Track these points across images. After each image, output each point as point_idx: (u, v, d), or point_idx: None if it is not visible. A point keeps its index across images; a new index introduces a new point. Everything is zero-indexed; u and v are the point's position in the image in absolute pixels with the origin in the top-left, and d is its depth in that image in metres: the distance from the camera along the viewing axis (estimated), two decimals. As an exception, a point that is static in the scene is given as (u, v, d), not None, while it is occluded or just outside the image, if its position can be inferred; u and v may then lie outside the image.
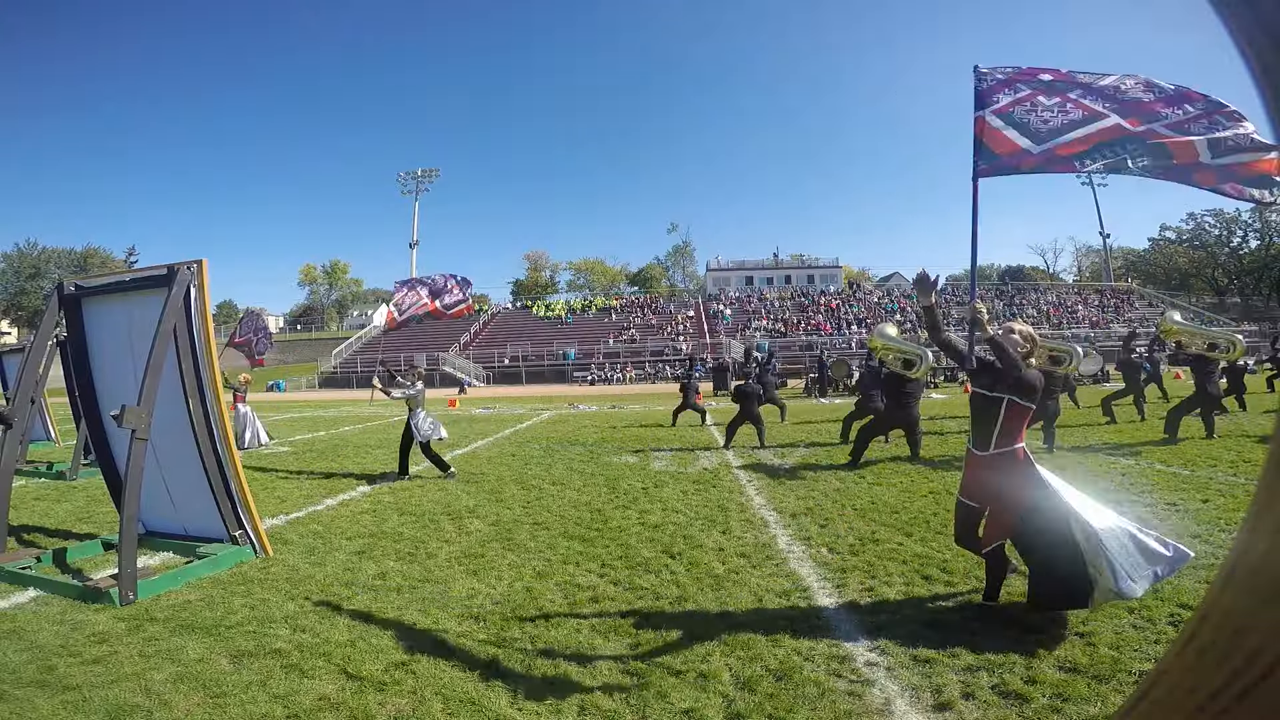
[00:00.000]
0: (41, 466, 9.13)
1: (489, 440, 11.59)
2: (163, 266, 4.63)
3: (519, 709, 2.57)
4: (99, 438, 5.11)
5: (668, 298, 57.54)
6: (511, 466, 8.52)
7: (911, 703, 2.53)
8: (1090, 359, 19.23)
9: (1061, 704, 2.46)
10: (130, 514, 3.89)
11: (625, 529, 5.22)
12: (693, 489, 6.75)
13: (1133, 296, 48.38)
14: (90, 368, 5.10)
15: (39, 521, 6.04)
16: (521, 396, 27.66)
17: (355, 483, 7.59)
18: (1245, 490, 5.80)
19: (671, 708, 2.54)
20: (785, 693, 2.61)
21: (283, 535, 5.25)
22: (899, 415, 8.27)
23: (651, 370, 37.53)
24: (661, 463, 8.52)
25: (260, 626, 3.40)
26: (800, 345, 37.48)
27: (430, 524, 5.54)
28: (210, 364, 4.58)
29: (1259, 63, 0.43)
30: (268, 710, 2.58)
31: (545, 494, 6.69)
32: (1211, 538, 4.42)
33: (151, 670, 2.91)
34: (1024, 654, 2.86)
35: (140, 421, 3.99)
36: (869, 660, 2.89)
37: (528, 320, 51.01)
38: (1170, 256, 62.87)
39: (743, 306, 48.61)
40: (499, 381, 38.86)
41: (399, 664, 2.94)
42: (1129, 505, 5.38)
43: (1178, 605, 3.31)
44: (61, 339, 6.63)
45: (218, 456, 4.60)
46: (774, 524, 5.26)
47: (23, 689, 2.77)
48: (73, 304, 5.08)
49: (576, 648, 3.08)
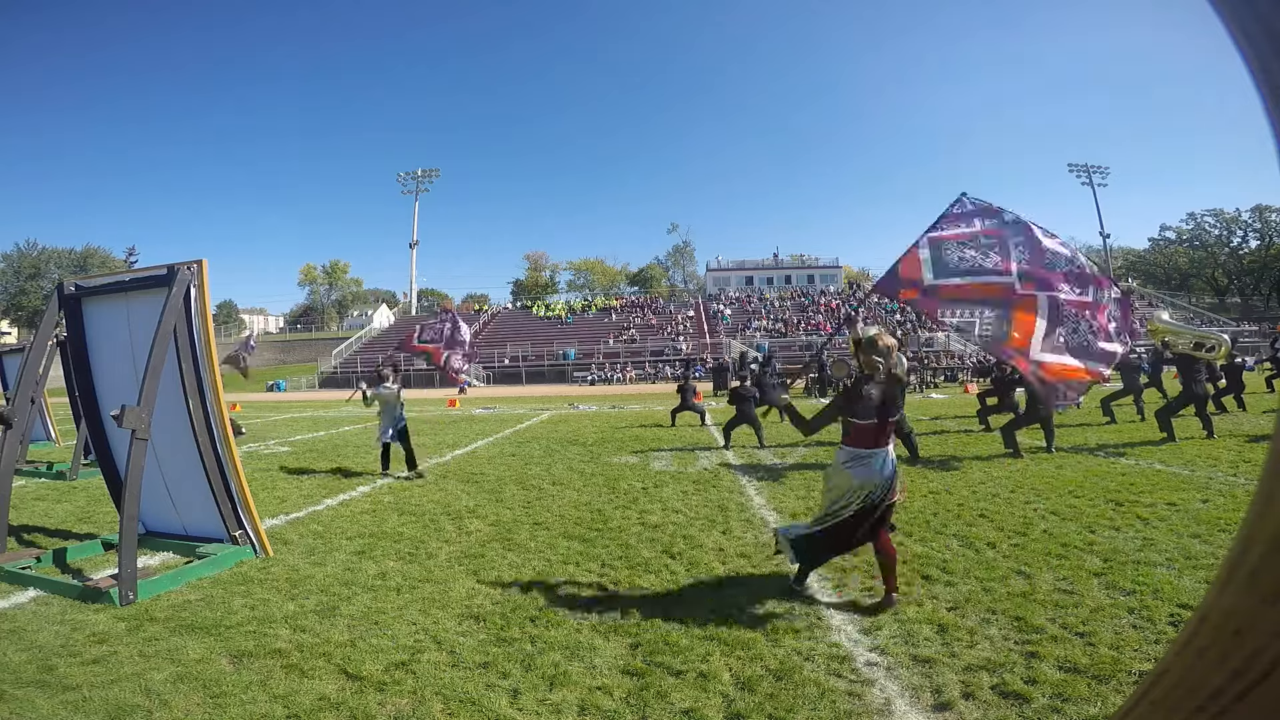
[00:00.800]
0: (41, 466, 9.13)
1: (489, 440, 11.59)
2: (163, 266, 4.64)
3: (519, 709, 2.57)
4: (99, 438, 5.11)
5: (668, 298, 57.61)
6: (511, 466, 8.52)
7: (911, 703, 2.53)
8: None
9: (1061, 704, 2.46)
10: (130, 514, 3.89)
11: (625, 529, 5.22)
12: (693, 489, 6.75)
13: (1132, 296, 48.38)
14: (90, 368, 5.10)
15: (39, 521, 6.04)
16: (521, 396, 27.67)
17: (355, 483, 7.59)
18: (1245, 490, 5.80)
19: (671, 708, 2.54)
20: (785, 693, 2.61)
21: (283, 535, 5.25)
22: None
23: (651, 370, 37.52)
24: (661, 463, 8.52)
25: (260, 626, 3.40)
26: (800, 345, 37.49)
27: (430, 524, 5.54)
28: (210, 364, 4.58)
29: (1259, 63, 0.43)
30: (268, 710, 2.58)
31: (545, 494, 6.69)
32: (1211, 538, 4.42)
33: (151, 670, 2.91)
34: (1024, 654, 2.86)
35: (140, 421, 3.99)
36: (869, 660, 2.89)
37: (528, 320, 51.02)
38: (1170, 256, 62.88)
39: (743, 306, 48.61)
40: (499, 381, 38.85)
41: (399, 664, 2.94)
42: (1129, 505, 5.39)
43: (1178, 605, 3.31)
44: (61, 339, 6.64)
45: (218, 456, 4.60)
46: (774, 524, 5.25)
47: (23, 689, 2.77)
48: (73, 304, 5.08)
49: (576, 648, 3.08)
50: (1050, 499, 5.77)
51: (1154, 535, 4.55)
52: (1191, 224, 61.21)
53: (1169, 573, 3.77)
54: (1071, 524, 4.94)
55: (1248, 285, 58.24)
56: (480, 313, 53.72)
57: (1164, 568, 3.87)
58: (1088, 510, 5.33)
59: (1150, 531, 4.65)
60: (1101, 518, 5.09)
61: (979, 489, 6.31)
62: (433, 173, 62.15)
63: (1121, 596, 3.48)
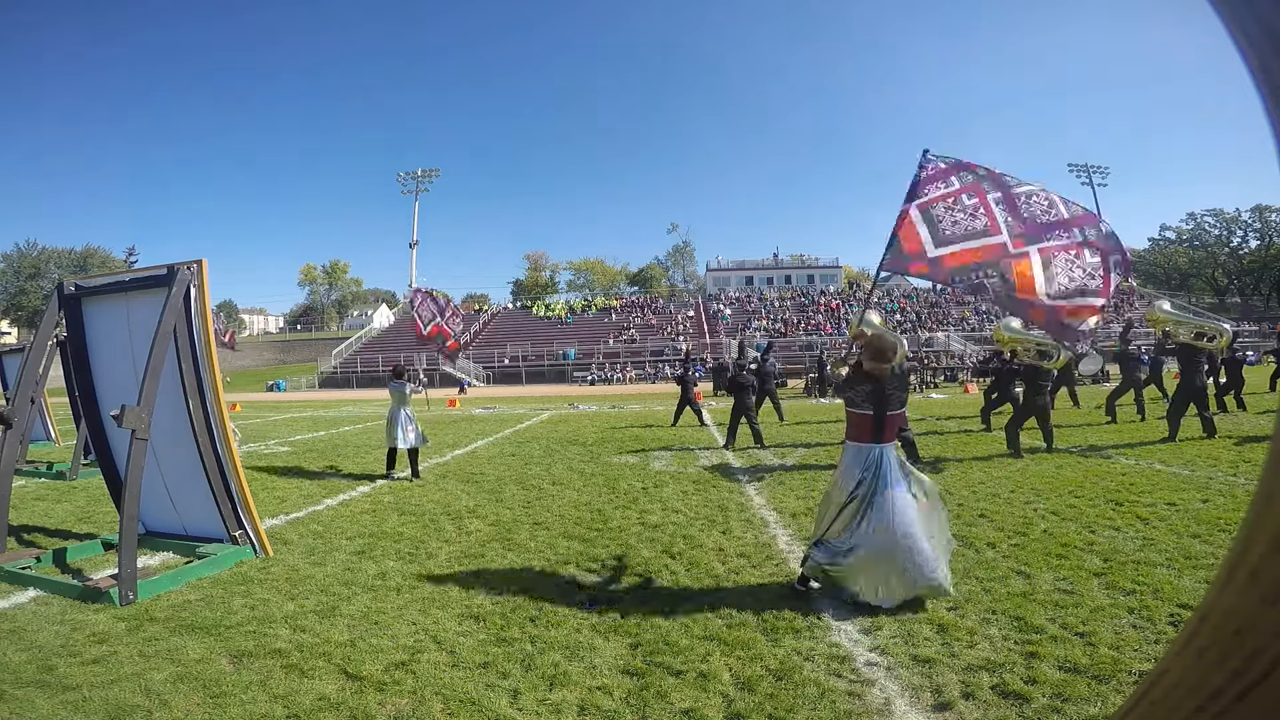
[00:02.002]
0: (41, 466, 9.12)
1: (489, 440, 11.59)
2: (163, 266, 4.63)
3: (519, 709, 2.57)
4: (99, 438, 5.11)
5: (668, 298, 57.59)
6: (511, 466, 8.51)
7: (911, 703, 2.53)
8: (1090, 358, 19.20)
9: (1061, 704, 2.46)
10: (130, 514, 3.88)
11: (625, 529, 5.22)
12: (693, 489, 6.75)
13: (1133, 296, 48.36)
14: (90, 368, 5.10)
15: (39, 521, 6.04)
16: (521, 396, 27.65)
17: (355, 483, 7.58)
18: (1245, 490, 5.80)
19: (671, 708, 2.54)
20: (785, 693, 2.61)
21: (283, 535, 5.25)
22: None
23: (651, 370, 37.53)
24: (661, 463, 8.52)
25: (260, 626, 3.40)
26: (800, 345, 37.48)
27: (430, 524, 5.53)
28: (210, 364, 4.58)
29: (1259, 62, 0.43)
30: (268, 710, 2.57)
31: (545, 494, 6.69)
32: (1211, 538, 4.42)
33: (151, 670, 2.91)
34: (1024, 654, 2.86)
35: (140, 421, 3.98)
36: (869, 660, 2.89)
37: (528, 320, 51.01)
38: (1170, 256, 62.87)
39: (743, 306, 48.60)
40: (499, 381, 38.84)
41: (399, 664, 2.94)
42: (1129, 505, 5.39)
43: (1178, 605, 3.31)
44: (61, 339, 6.63)
45: (218, 456, 4.60)
46: (774, 524, 5.26)
47: (23, 689, 2.77)
48: (73, 304, 5.08)
49: (576, 648, 3.08)
50: (1050, 499, 5.77)
51: (1154, 535, 4.55)
52: (1191, 224, 61.23)
53: (1169, 573, 3.77)
54: (1071, 524, 4.94)
55: (1248, 285, 58.22)
56: (480, 313, 53.70)
57: (1164, 568, 3.87)
58: (1088, 510, 5.33)
59: (1150, 531, 4.65)
60: (1101, 518, 5.08)
61: (979, 489, 6.31)
62: (433, 173, 62.12)
63: (1121, 596, 3.48)
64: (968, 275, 4.16)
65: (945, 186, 4.26)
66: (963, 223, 4.15)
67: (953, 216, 4.17)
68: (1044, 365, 8.60)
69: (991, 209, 4.12)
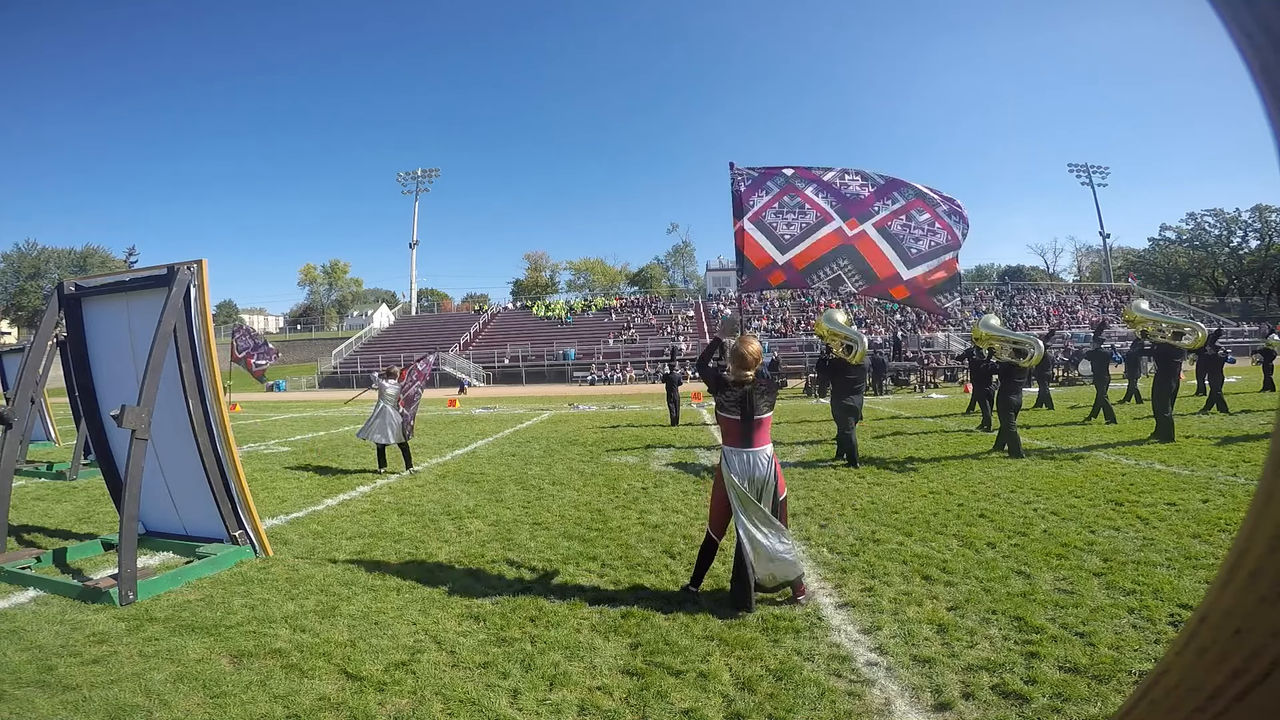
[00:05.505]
0: (41, 466, 9.13)
1: (489, 440, 11.59)
2: (163, 266, 4.63)
3: (519, 709, 2.57)
4: (99, 438, 5.11)
5: (668, 298, 57.53)
6: (511, 466, 8.52)
7: (911, 703, 2.53)
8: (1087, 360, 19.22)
9: (1061, 704, 2.46)
10: (130, 514, 3.88)
11: (625, 529, 5.22)
12: (693, 489, 6.74)
13: (1132, 296, 48.41)
14: (90, 368, 5.10)
15: (39, 521, 6.04)
16: (521, 396, 27.66)
17: (355, 483, 7.59)
18: (1245, 490, 5.80)
19: (671, 708, 2.54)
20: (785, 693, 2.61)
21: (283, 535, 5.25)
22: (835, 408, 8.18)
23: (652, 370, 37.53)
24: (661, 463, 8.51)
25: (260, 626, 3.40)
26: (800, 345, 37.47)
27: (430, 524, 5.54)
28: (210, 364, 4.58)
29: (1259, 62, 0.43)
30: (268, 710, 2.58)
31: (545, 494, 6.69)
32: (1211, 538, 4.42)
33: (151, 670, 2.91)
34: (1024, 654, 2.86)
35: (140, 421, 3.99)
36: (869, 660, 2.89)
37: (528, 320, 51.00)
38: (1170, 256, 62.86)
39: (743, 306, 48.58)
40: (499, 381, 38.86)
41: (399, 664, 2.94)
42: (1129, 505, 5.39)
43: (1178, 605, 3.31)
44: (61, 339, 6.63)
45: (218, 456, 4.60)
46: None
47: (23, 689, 2.77)
48: (73, 304, 5.08)
49: (576, 648, 3.08)
50: (1050, 499, 5.77)
51: (1154, 535, 4.55)
52: (1191, 224, 61.18)
53: (1169, 573, 3.77)
54: (1071, 524, 4.94)
55: (1248, 285, 58.21)
56: (480, 313, 53.72)
57: (1164, 568, 3.87)
58: (1088, 510, 5.33)
59: (1150, 531, 4.65)
60: (1101, 518, 5.09)
61: (979, 489, 6.31)
62: (433, 173, 62.20)
63: (1121, 596, 3.48)
64: (821, 271, 4.29)
65: (766, 195, 4.31)
66: (796, 222, 4.23)
67: (785, 220, 4.25)
68: (1020, 364, 8.59)
69: (815, 201, 4.21)
